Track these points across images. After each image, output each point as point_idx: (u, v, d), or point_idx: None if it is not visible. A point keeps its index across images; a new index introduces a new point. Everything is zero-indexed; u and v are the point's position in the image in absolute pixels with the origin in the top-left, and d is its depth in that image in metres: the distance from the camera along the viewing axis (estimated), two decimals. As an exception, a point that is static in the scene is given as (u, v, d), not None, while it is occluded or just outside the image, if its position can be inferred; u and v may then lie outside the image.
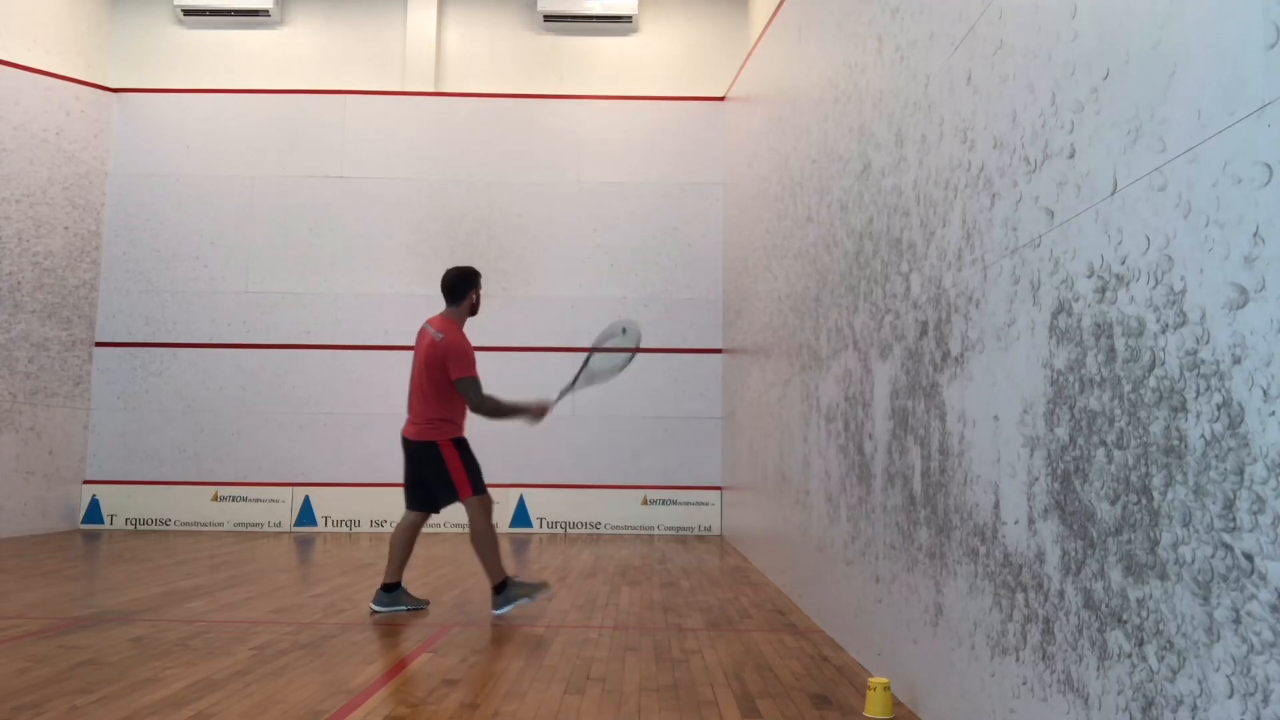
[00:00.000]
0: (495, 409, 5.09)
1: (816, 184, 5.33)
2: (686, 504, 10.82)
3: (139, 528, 10.67)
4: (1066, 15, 2.24)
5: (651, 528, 10.80)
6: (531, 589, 5.10)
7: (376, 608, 5.14)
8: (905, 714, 3.25)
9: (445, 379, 5.06)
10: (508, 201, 11.27)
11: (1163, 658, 1.77)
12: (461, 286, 5.26)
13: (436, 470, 5.08)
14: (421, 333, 5.26)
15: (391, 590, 5.16)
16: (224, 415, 10.92)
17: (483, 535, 5.04)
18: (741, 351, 9.05)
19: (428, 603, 5.30)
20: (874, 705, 3.19)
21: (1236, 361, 1.58)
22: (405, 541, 5.22)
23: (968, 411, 2.82)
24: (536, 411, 5.16)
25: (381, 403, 10.92)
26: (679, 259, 11.25)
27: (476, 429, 5.42)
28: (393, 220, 11.20)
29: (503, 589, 5.03)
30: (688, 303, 11.16)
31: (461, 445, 5.12)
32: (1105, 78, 2.05)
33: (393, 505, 10.98)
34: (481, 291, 5.36)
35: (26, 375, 9.84)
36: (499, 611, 5.01)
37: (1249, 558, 1.54)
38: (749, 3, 10.76)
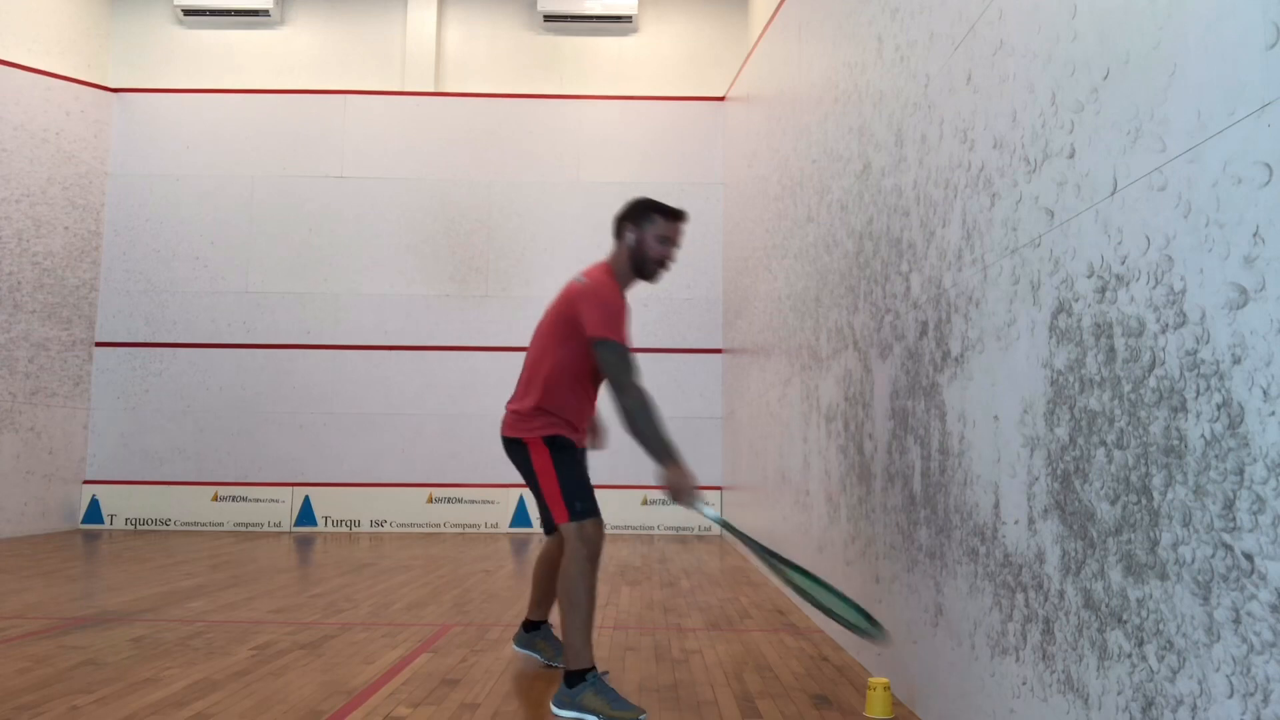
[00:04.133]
0: (648, 414, 3.20)
1: (816, 184, 5.32)
2: (686, 504, 10.81)
3: (139, 528, 10.66)
4: (1066, 15, 2.24)
5: (651, 528, 10.79)
6: (616, 707, 3.16)
7: (517, 647, 4.06)
8: (905, 714, 3.25)
9: (569, 343, 3.40)
10: (508, 201, 11.26)
11: (1163, 658, 1.77)
12: (621, 220, 3.59)
13: (528, 477, 3.53)
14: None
15: (533, 629, 4.02)
16: (224, 415, 10.92)
17: (567, 582, 3.32)
18: (741, 351, 9.04)
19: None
20: (874, 705, 3.19)
21: (1236, 361, 1.58)
22: (543, 573, 3.96)
23: (968, 411, 2.82)
24: (686, 478, 3.17)
25: (381, 403, 10.92)
26: (679, 259, 11.22)
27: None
28: (393, 220, 11.20)
29: (576, 681, 3.24)
30: (688, 303, 11.16)
31: (557, 445, 3.46)
32: (1105, 78, 2.05)
33: (393, 505, 11.02)
34: (668, 235, 3.52)
35: (26, 375, 9.84)
36: (555, 709, 3.24)
37: (1249, 558, 1.54)
38: (749, 3, 10.75)
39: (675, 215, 3.54)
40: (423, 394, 10.86)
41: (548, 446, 3.44)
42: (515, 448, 3.52)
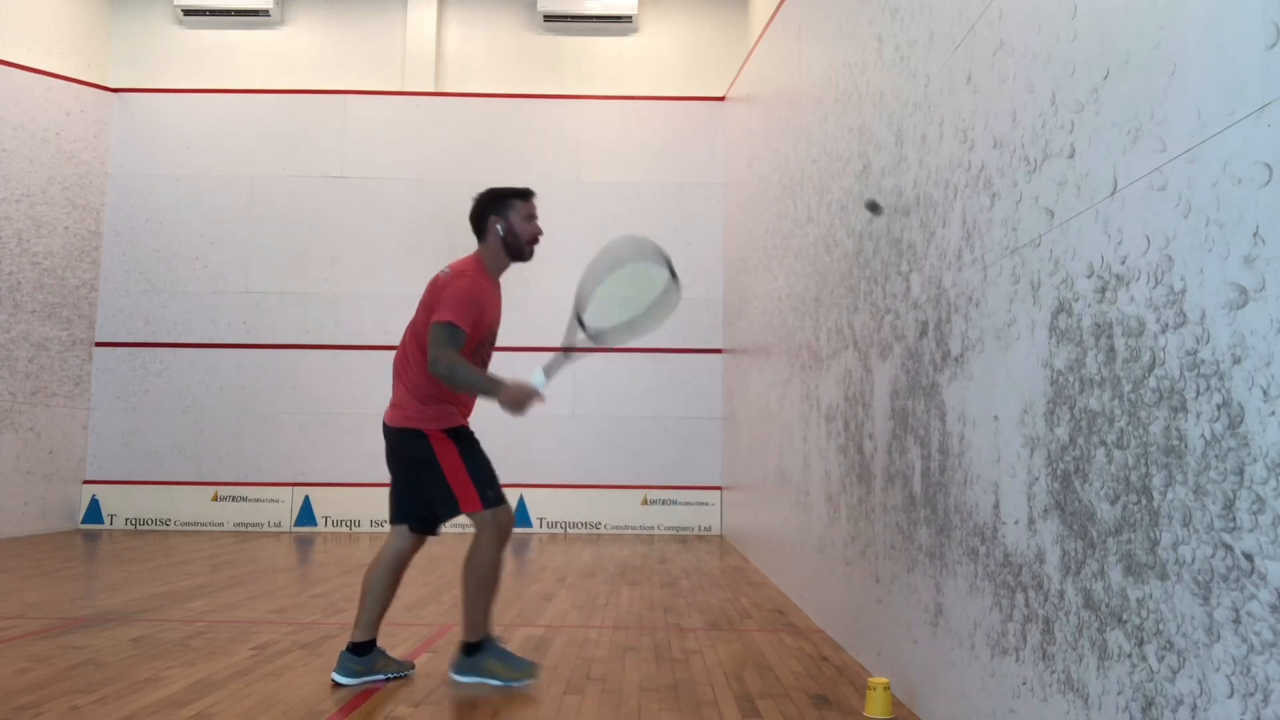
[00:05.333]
0: (456, 374, 3.40)
1: (816, 184, 5.32)
2: (686, 504, 10.82)
3: (139, 528, 10.66)
4: (1066, 15, 2.24)
5: (651, 528, 10.79)
6: (516, 668, 3.52)
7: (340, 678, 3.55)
8: (905, 714, 3.25)
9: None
10: (508, 201, 11.26)
11: (1163, 658, 1.77)
12: (482, 215, 3.76)
13: (422, 467, 3.55)
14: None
15: (364, 652, 3.58)
16: (224, 415, 10.92)
17: (481, 566, 3.55)
18: (741, 351, 9.04)
19: (413, 667, 3.78)
20: (874, 705, 3.19)
21: (1236, 361, 1.58)
22: (380, 581, 3.67)
23: (968, 411, 2.82)
24: (514, 394, 3.43)
25: (382, 403, 10.89)
26: (679, 259, 11.07)
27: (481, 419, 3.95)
28: (393, 220, 11.20)
29: (475, 650, 3.55)
30: (688, 303, 11.09)
31: (460, 437, 3.57)
32: (1105, 78, 2.05)
33: (393, 505, 11.01)
34: (531, 213, 3.81)
35: (26, 375, 9.84)
36: (458, 676, 3.56)
37: (1249, 558, 1.54)
38: (749, 3, 10.75)
39: (529, 193, 3.83)
40: (423, 394, 10.86)
41: (451, 438, 3.54)
42: (411, 439, 3.57)
